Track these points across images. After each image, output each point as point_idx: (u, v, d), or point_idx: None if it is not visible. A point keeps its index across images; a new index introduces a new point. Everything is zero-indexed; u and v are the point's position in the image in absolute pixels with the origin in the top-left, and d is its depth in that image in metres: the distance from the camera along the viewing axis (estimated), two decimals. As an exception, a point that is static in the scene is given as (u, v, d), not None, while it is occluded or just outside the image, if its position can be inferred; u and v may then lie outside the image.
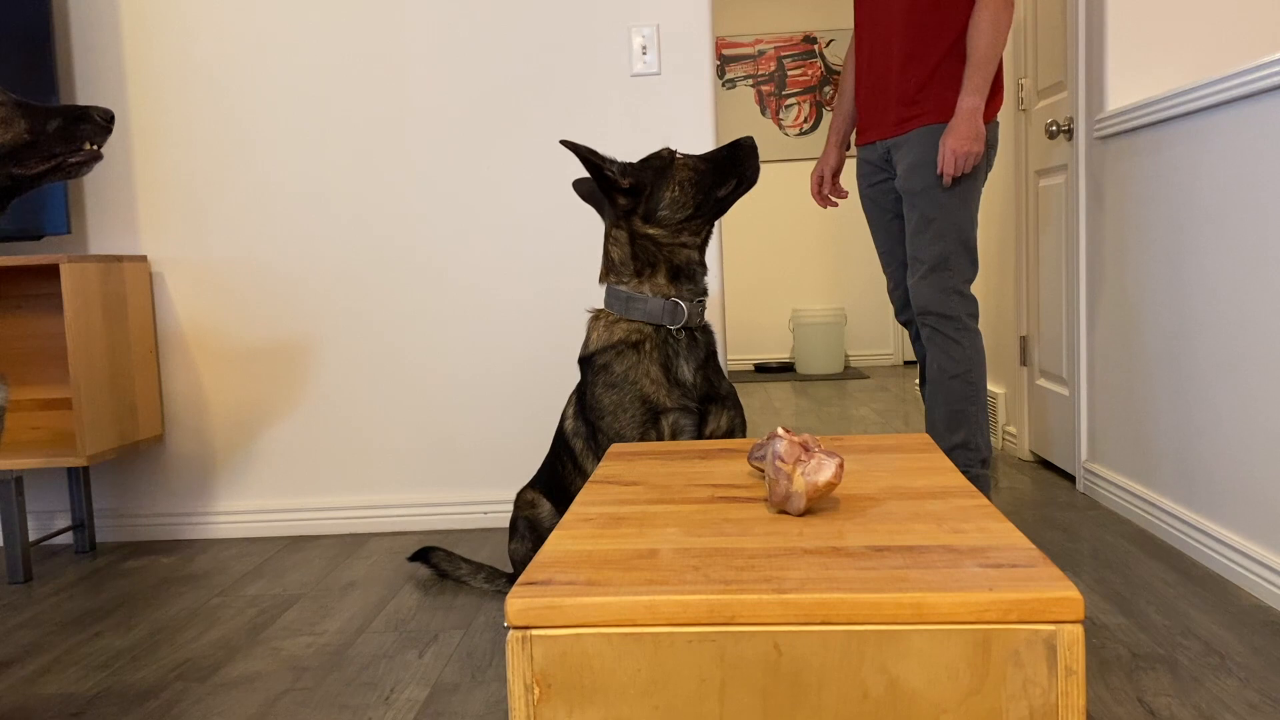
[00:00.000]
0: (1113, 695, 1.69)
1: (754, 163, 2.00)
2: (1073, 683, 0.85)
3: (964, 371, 2.53)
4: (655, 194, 1.98)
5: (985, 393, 2.56)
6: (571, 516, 1.15)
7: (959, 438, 2.54)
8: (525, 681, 0.89)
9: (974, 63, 2.47)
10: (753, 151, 2.00)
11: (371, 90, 2.88)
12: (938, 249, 2.52)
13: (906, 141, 2.57)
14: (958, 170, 2.46)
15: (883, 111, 2.62)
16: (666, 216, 1.98)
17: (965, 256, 2.54)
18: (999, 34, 2.46)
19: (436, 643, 2.07)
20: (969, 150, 2.44)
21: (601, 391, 1.94)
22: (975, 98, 2.45)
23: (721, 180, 2.00)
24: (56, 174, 1.65)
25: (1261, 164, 2.06)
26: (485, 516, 2.94)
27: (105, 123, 1.67)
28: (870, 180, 2.72)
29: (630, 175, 1.98)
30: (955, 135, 2.45)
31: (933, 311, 2.54)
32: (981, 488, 2.57)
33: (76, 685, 1.94)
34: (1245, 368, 2.14)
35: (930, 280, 2.53)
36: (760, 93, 6.56)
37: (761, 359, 6.53)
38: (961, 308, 2.54)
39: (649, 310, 1.95)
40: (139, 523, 2.99)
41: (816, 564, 0.95)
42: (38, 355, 2.90)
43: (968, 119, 2.45)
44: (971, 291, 2.56)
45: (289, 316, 2.94)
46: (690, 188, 1.97)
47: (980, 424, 2.55)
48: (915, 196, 2.55)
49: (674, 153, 2.00)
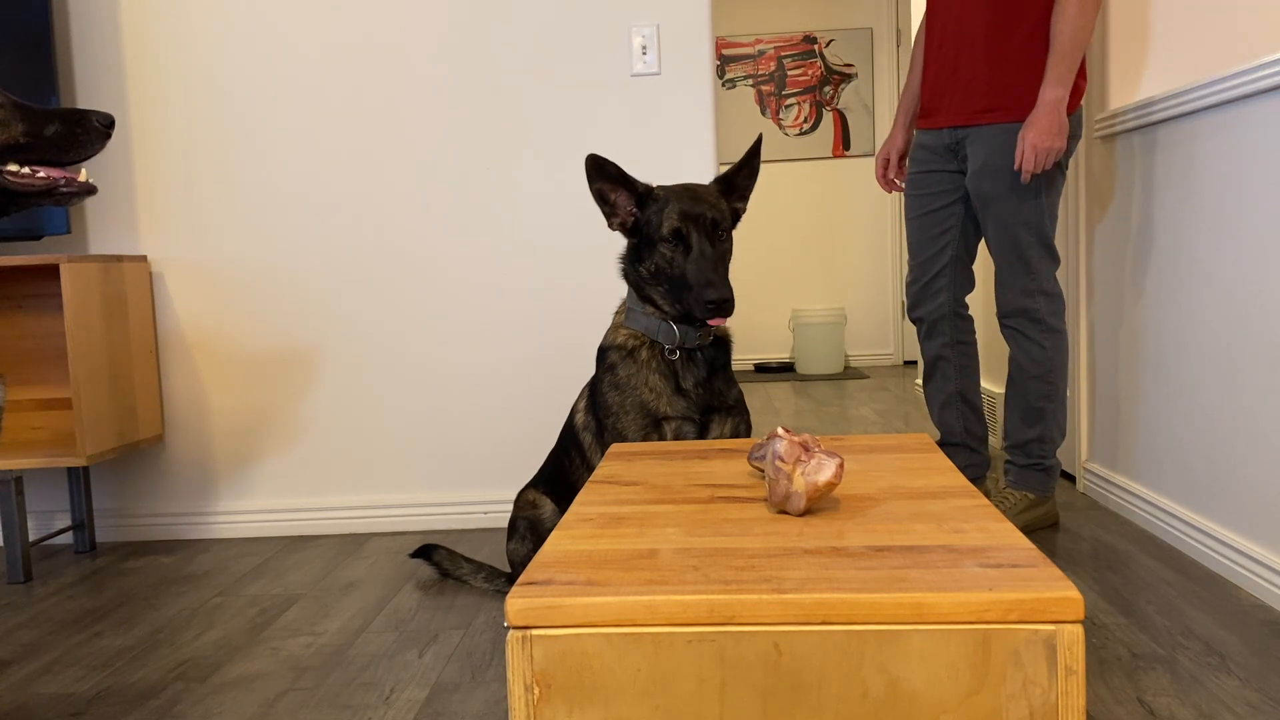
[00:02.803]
0: (1113, 695, 1.69)
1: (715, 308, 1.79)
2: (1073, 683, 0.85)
3: (1044, 372, 2.52)
4: (642, 246, 1.91)
5: (1064, 388, 2.56)
6: (571, 516, 1.15)
7: (1034, 433, 2.57)
8: (525, 681, 0.89)
9: (1058, 51, 2.32)
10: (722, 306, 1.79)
11: (372, 89, 2.88)
12: (1017, 252, 2.47)
13: (981, 137, 2.46)
14: (1038, 167, 2.34)
15: (954, 96, 2.52)
16: (644, 272, 1.91)
17: (1046, 254, 2.48)
18: (1086, 20, 2.31)
19: (436, 643, 2.07)
20: (1050, 145, 2.31)
21: (608, 390, 1.94)
22: (1059, 89, 2.31)
23: (678, 298, 1.85)
24: (47, 198, 1.61)
25: (1262, 164, 2.06)
26: (485, 516, 2.94)
27: (104, 128, 1.63)
28: (925, 166, 2.62)
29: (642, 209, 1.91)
30: (1036, 129, 2.33)
31: (1017, 314, 2.52)
32: (1051, 476, 2.62)
33: (76, 685, 1.94)
34: (1245, 368, 2.14)
35: (1012, 284, 2.50)
36: (760, 93, 6.56)
37: (761, 359, 6.53)
38: (1046, 307, 2.49)
39: (646, 326, 1.92)
40: (139, 523, 2.99)
41: (816, 564, 0.95)
42: (38, 355, 2.90)
43: (1049, 111, 2.31)
44: (1056, 288, 2.51)
45: (289, 316, 2.94)
46: (663, 273, 1.87)
47: (1057, 418, 2.57)
48: (990, 201, 2.48)
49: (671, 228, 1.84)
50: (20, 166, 1.58)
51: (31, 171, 1.59)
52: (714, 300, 1.78)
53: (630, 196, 1.92)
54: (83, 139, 1.62)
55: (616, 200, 1.93)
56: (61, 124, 1.60)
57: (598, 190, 1.93)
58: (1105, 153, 2.81)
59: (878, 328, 6.63)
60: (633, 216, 1.92)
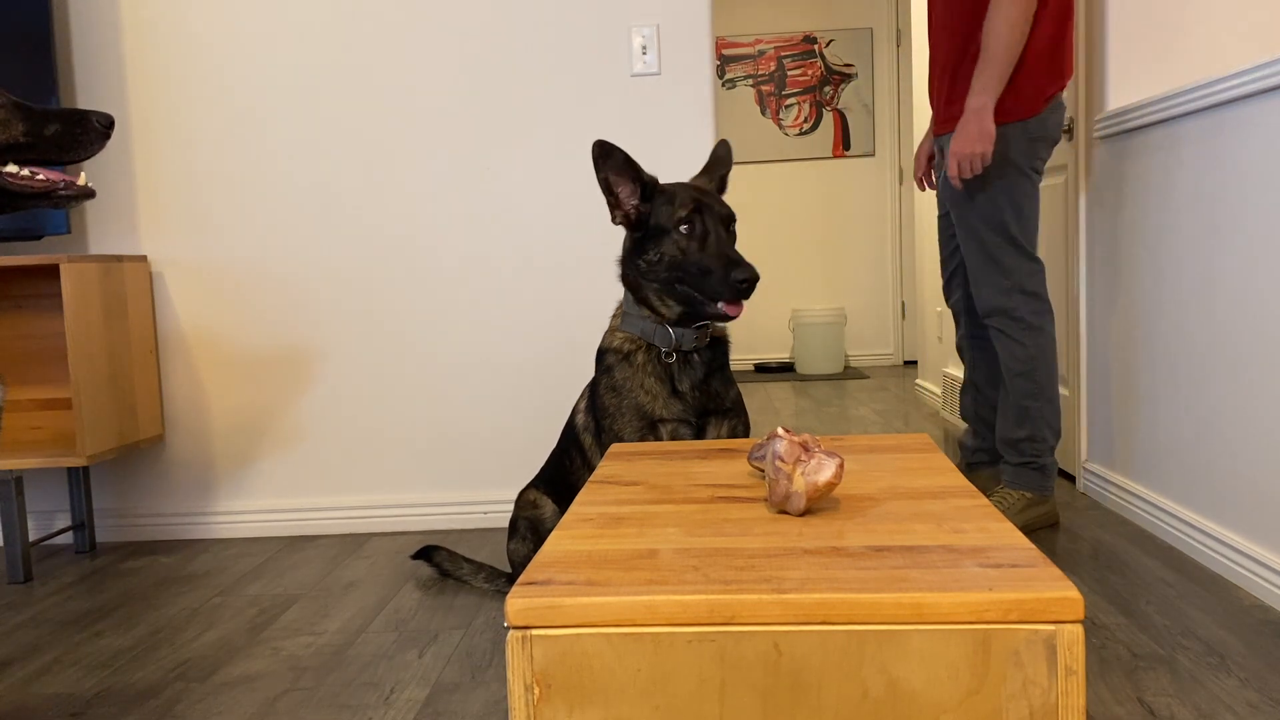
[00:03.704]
0: (1113, 695, 1.69)
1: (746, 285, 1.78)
2: (1073, 683, 0.85)
3: (1028, 370, 2.54)
4: (647, 239, 1.88)
5: (1053, 387, 2.57)
6: (571, 516, 1.15)
7: (1024, 432, 2.59)
8: (525, 681, 0.89)
9: (984, 59, 2.40)
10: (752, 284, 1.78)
11: (372, 89, 2.88)
12: (985, 253, 2.53)
13: (943, 146, 2.59)
14: (965, 173, 2.42)
15: (934, 106, 2.68)
16: (646, 269, 1.88)
17: (1018, 254, 2.51)
18: (1011, 29, 2.37)
19: (436, 643, 2.07)
20: (971, 151, 2.38)
21: (605, 392, 1.93)
22: (981, 97, 2.38)
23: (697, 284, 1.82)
24: (45, 201, 1.61)
25: (1261, 164, 2.06)
26: (485, 516, 2.94)
27: (104, 128, 1.63)
28: (938, 170, 2.76)
29: (647, 202, 1.88)
30: (958, 137, 2.41)
31: (995, 312, 2.56)
32: (1047, 476, 2.62)
33: (76, 685, 1.94)
34: (1245, 368, 2.14)
35: (988, 284, 2.55)
36: (760, 93, 6.56)
37: (761, 359, 6.53)
38: (1025, 307, 2.52)
39: (642, 329, 1.90)
40: (139, 523, 2.99)
41: (816, 564, 0.95)
42: (38, 355, 2.90)
43: (971, 119, 2.39)
44: (1037, 288, 2.54)
45: (289, 316, 2.94)
46: (676, 263, 1.84)
47: (1046, 417, 2.58)
48: (953, 206, 2.60)
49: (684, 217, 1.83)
50: (20, 168, 1.58)
51: (31, 174, 1.59)
52: (744, 279, 1.77)
53: (634, 189, 1.89)
54: (82, 139, 1.61)
55: (620, 191, 1.89)
56: (61, 124, 1.60)
57: (604, 179, 1.88)
58: (1105, 153, 2.81)
59: (878, 328, 6.63)
60: (635, 209, 1.89)
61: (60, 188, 1.61)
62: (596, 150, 1.87)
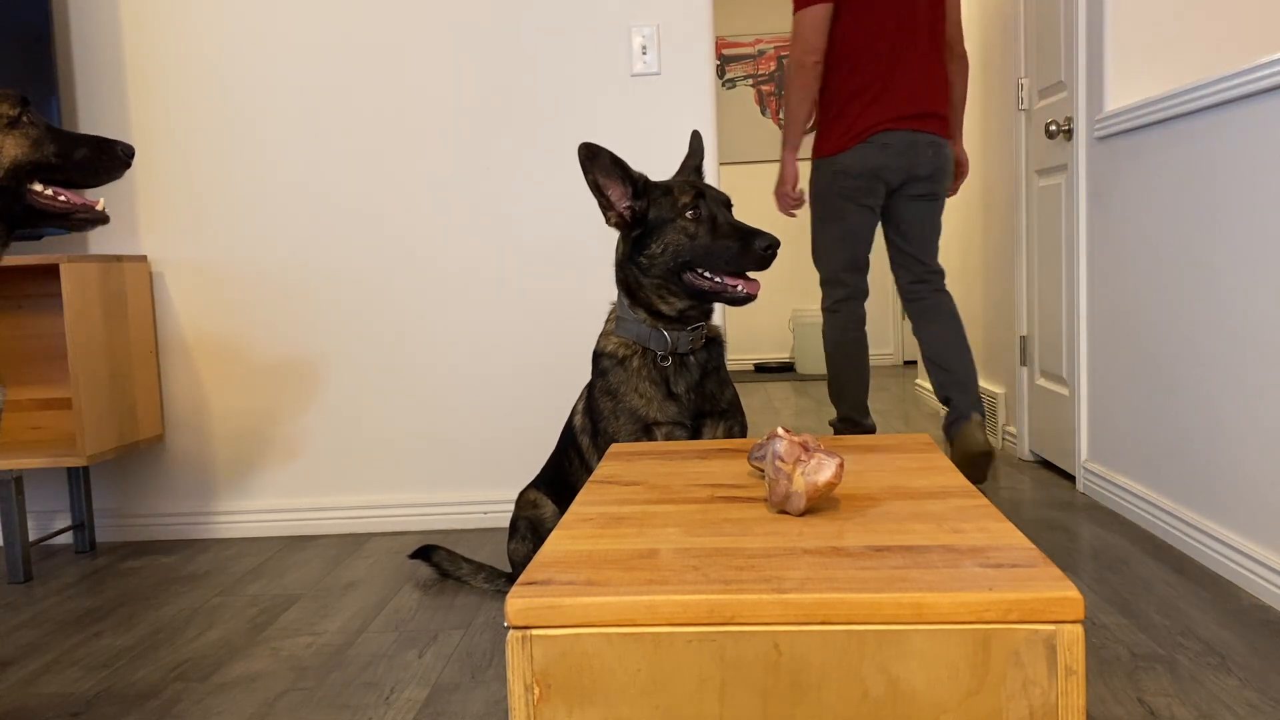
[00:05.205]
0: (1113, 695, 1.69)
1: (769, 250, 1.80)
2: (1073, 683, 0.85)
3: (828, 353, 3.15)
4: (648, 235, 1.86)
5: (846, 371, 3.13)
6: (571, 516, 1.15)
7: (840, 410, 3.15)
8: (525, 681, 0.89)
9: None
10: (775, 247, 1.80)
11: (372, 89, 2.88)
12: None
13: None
14: (781, 210, 3.15)
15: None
16: (648, 264, 1.87)
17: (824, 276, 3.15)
18: (790, 93, 2.98)
19: (436, 643, 2.07)
20: (776, 193, 3.08)
21: (600, 395, 1.93)
22: (783, 150, 3.06)
23: (714, 265, 1.82)
24: (62, 221, 1.68)
25: (1261, 164, 2.06)
26: (485, 516, 2.94)
27: (126, 158, 1.72)
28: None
29: (640, 199, 1.87)
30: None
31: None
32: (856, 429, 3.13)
33: (76, 685, 1.94)
34: (1245, 367, 2.14)
35: None
36: (760, 93, 6.56)
37: (761, 359, 6.53)
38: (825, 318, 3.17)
39: (637, 333, 1.89)
40: (139, 523, 2.99)
41: (816, 564, 0.95)
42: (38, 355, 2.90)
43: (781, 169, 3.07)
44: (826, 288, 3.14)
45: (289, 316, 2.94)
46: (683, 251, 1.83)
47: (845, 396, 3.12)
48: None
49: (689, 203, 1.83)
50: (44, 187, 1.65)
51: (54, 194, 1.66)
52: (767, 245, 1.80)
53: (624, 189, 1.87)
54: (107, 164, 1.70)
55: (610, 193, 1.87)
56: (89, 149, 1.69)
57: (593, 180, 1.87)
58: (1105, 153, 2.81)
59: (878, 328, 6.62)
60: (629, 209, 1.87)
61: (79, 210, 1.68)
62: (583, 152, 1.86)
